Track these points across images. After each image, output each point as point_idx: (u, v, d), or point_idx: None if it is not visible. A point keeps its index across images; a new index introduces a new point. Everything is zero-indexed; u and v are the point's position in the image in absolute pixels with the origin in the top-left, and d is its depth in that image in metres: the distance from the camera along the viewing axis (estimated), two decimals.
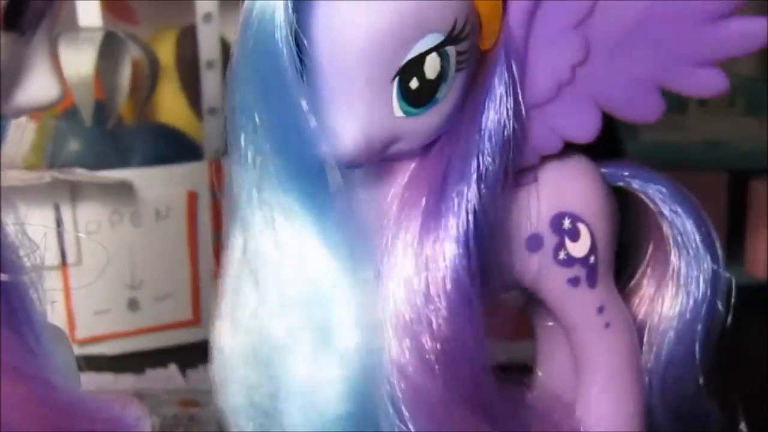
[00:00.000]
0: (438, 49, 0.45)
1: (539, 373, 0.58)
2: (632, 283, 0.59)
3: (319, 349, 0.47)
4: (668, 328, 0.57)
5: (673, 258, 0.57)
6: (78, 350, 0.85)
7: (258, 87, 0.44)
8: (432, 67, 0.45)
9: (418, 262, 0.47)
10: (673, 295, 0.57)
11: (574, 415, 0.54)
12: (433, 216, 0.47)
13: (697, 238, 0.56)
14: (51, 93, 0.43)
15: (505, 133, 0.48)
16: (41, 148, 0.89)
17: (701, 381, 0.58)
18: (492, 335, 0.50)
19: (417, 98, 0.46)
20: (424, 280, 0.47)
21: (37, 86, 0.42)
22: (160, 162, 0.89)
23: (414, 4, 0.44)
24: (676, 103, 1.11)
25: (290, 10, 0.43)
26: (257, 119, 0.45)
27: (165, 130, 0.95)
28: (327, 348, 0.46)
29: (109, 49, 0.87)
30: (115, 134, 0.90)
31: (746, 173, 1.00)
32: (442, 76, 0.46)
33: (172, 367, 0.86)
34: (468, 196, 0.47)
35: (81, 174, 0.84)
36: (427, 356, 0.47)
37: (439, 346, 0.47)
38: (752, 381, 0.63)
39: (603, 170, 0.54)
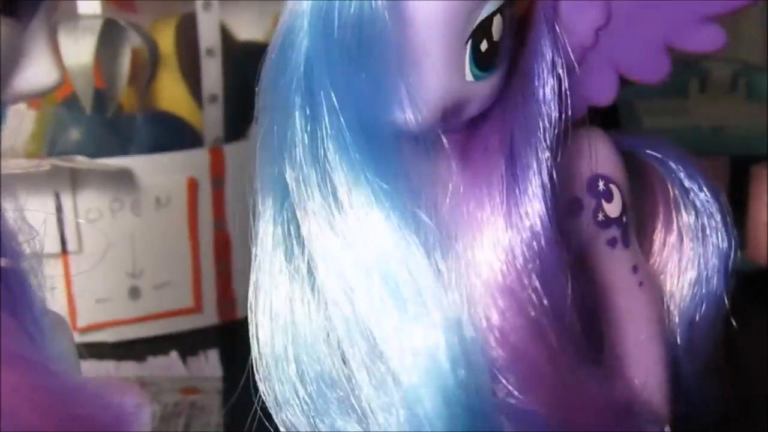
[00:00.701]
0: (501, 10, 0.45)
1: None
2: (644, 244, 0.59)
3: (407, 324, 0.44)
4: (691, 283, 0.57)
5: (685, 214, 0.57)
6: (79, 338, 0.86)
7: (330, 57, 0.43)
8: (497, 28, 0.45)
9: (510, 228, 0.47)
10: (690, 251, 0.57)
11: (621, 367, 0.54)
12: (516, 181, 0.47)
13: (707, 192, 0.56)
14: (49, 78, 0.43)
15: (558, 93, 0.48)
16: (41, 136, 0.89)
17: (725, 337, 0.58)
18: None
19: (486, 60, 0.45)
20: (519, 245, 0.47)
21: (36, 72, 0.42)
22: (161, 150, 0.89)
23: None
24: (677, 88, 1.11)
25: None
26: (330, 89, 0.43)
27: (165, 118, 0.95)
28: (416, 322, 0.44)
29: (109, 37, 0.87)
30: (116, 122, 0.90)
31: (747, 158, 1.00)
32: (503, 38, 0.46)
33: (174, 355, 0.86)
34: (543, 157, 0.47)
35: (81, 162, 0.84)
36: (533, 317, 0.47)
37: (543, 307, 0.47)
38: (753, 369, 0.63)
39: (617, 137, 0.54)
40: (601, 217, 0.52)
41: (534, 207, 0.47)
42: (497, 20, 0.45)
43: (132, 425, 0.43)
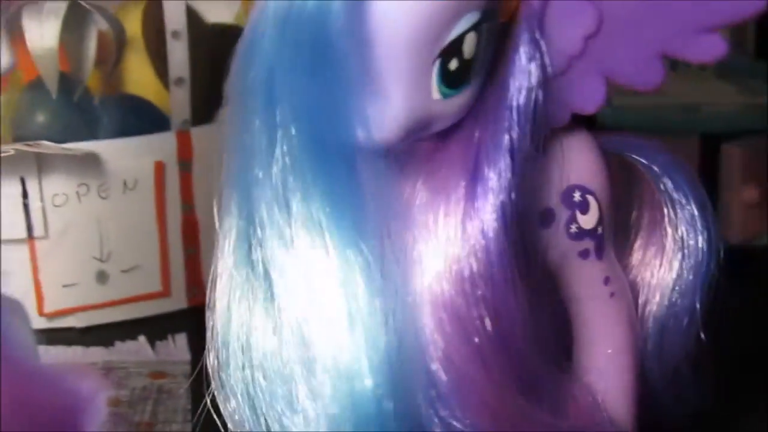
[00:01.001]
0: (476, 27, 0.44)
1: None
2: (623, 246, 0.59)
3: (358, 342, 0.45)
4: (665, 291, 0.57)
5: (669, 224, 0.57)
6: (47, 323, 0.86)
7: (295, 64, 0.43)
8: (470, 46, 0.45)
9: (462, 246, 0.47)
10: (668, 258, 0.57)
11: (585, 384, 0.54)
12: (472, 198, 0.47)
13: (693, 203, 0.56)
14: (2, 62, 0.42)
15: (534, 106, 0.48)
16: (7, 120, 0.88)
17: (698, 342, 0.58)
18: None
19: (455, 79, 0.45)
20: (468, 264, 0.46)
21: None
22: (128, 133, 0.89)
23: None
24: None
25: None
26: (287, 100, 0.43)
27: (132, 101, 0.94)
28: (355, 331, 0.44)
29: (75, 20, 0.87)
30: (82, 106, 0.89)
31: (719, 137, 1.00)
32: (477, 54, 0.45)
33: (142, 339, 0.86)
34: (504, 174, 0.47)
35: (47, 146, 0.83)
36: (476, 341, 0.46)
37: (488, 330, 0.46)
38: (727, 343, 0.63)
39: (599, 140, 0.54)
40: (574, 228, 0.52)
41: (489, 228, 0.47)
42: (470, 38, 0.44)
43: (88, 410, 0.43)
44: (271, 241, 0.45)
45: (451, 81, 0.45)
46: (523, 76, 0.47)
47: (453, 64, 0.44)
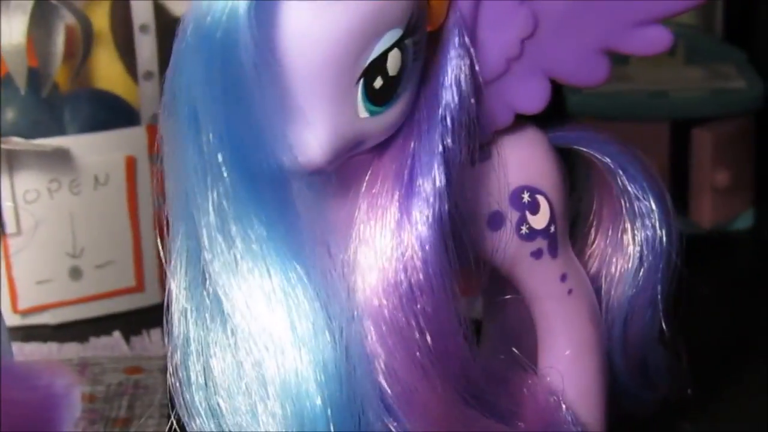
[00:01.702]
0: (398, 43, 0.44)
1: (495, 344, 0.59)
2: (582, 239, 0.59)
3: (304, 359, 0.45)
4: (627, 283, 0.57)
5: (625, 213, 0.57)
6: (21, 320, 0.86)
7: (212, 94, 0.42)
8: (394, 63, 0.44)
9: (397, 258, 0.47)
10: (629, 252, 0.58)
11: (544, 382, 0.54)
12: (406, 209, 0.47)
13: (649, 194, 0.56)
14: None
15: (466, 113, 0.47)
16: None
17: (660, 332, 0.58)
18: None
19: (381, 97, 0.45)
20: (405, 276, 0.46)
21: None
22: (98, 128, 0.88)
23: (373, 3, 0.43)
24: (617, 54, 1.11)
25: (249, 13, 0.41)
26: (212, 132, 0.42)
27: (101, 96, 0.94)
28: (300, 350, 0.45)
29: (42, 15, 0.86)
30: (51, 101, 0.88)
31: (688, 122, 1.00)
32: (403, 70, 0.45)
33: (116, 335, 0.85)
34: (437, 184, 0.47)
35: (17, 142, 0.83)
36: (417, 354, 0.47)
37: (428, 342, 0.47)
38: (698, 329, 0.63)
39: (550, 134, 0.54)
40: (525, 230, 0.52)
41: (425, 239, 0.47)
42: (393, 55, 0.44)
43: (61, 406, 0.43)
44: (216, 265, 0.45)
45: (377, 99, 0.45)
46: (454, 84, 0.47)
47: (378, 83, 0.44)
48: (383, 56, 0.44)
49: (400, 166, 0.47)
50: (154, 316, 0.88)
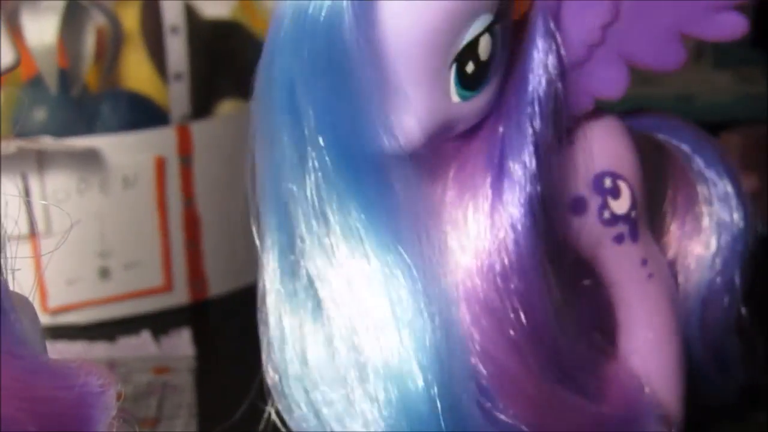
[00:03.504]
0: (490, 28, 0.45)
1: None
2: (659, 225, 0.59)
3: (406, 344, 0.46)
4: (705, 269, 0.58)
5: (701, 199, 0.58)
6: (50, 320, 0.86)
7: (314, 76, 0.43)
8: (485, 48, 0.45)
9: (491, 240, 0.47)
10: (707, 237, 0.58)
11: (628, 366, 0.54)
12: (498, 192, 0.47)
13: (726, 178, 0.57)
14: (5, 59, 0.43)
15: (553, 96, 0.48)
16: (7, 118, 0.88)
17: (738, 318, 0.59)
18: None
19: (473, 81, 0.46)
20: (499, 258, 0.47)
21: None
22: (127, 128, 0.89)
23: None
24: None
25: (350, 1, 0.42)
26: (312, 117, 0.44)
27: (131, 97, 0.94)
28: (401, 332, 0.46)
29: (72, 16, 0.87)
30: (81, 102, 0.89)
31: (715, 126, 0.99)
32: (493, 55, 0.46)
33: (145, 334, 0.86)
34: (528, 164, 0.47)
35: (47, 143, 0.83)
36: (511, 333, 0.47)
37: (522, 322, 0.47)
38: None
39: (627, 121, 0.54)
40: (607, 215, 0.52)
41: (517, 221, 0.47)
42: (485, 40, 0.45)
43: (96, 405, 0.43)
44: (312, 253, 0.46)
45: (468, 83, 0.45)
46: (542, 68, 0.48)
47: (470, 67, 0.45)
48: (475, 41, 0.45)
49: (491, 150, 0.48)
50: (182, 316, 0.90)
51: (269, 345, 0.50)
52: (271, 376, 0.50)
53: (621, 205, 0.53)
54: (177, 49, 0.90)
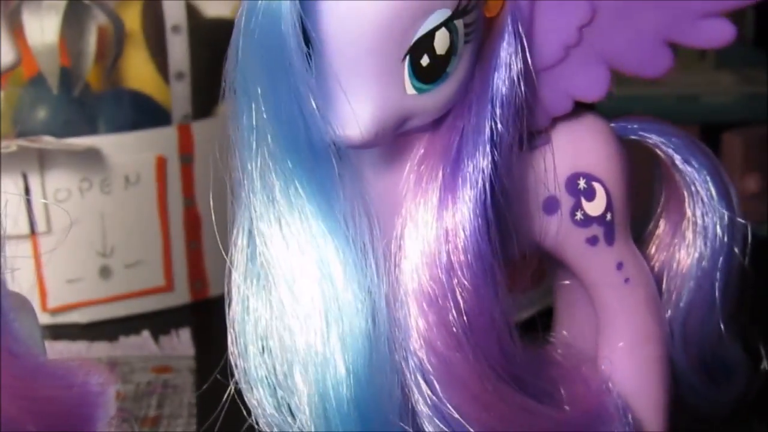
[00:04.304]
0: (447, 23, 0.45)
1: (562, 331, 0.59)
2: (647, 232, 0.59)
3: (332, 328, 0.46)
4: (687, 276, 0.58)
5: (688, 207, 0.57)
6: (50, 319, 0.86)
7: (263, 73, 0.43)
8: (442, 42, 0.45)
9: (439, 235, 0.47)
10: (690, 244, 0.58)
11: (600, 370, 0.54)
12: (450, 188, 0.47)
13: (712, 187, 0.56)
14: (6, 58, 0.43)
15: (516, 98, 0.48)
16: (8, 116, 0.88)
17: (722, 327, 0.58)
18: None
19: (428, 74, 0.45)
20: (446, 253, 0.47)
21: None
22: (129, 128, 0.89)
23: None
24: None
25: None
26: (262, 107, 0.44)
27: (133, 96, 0.94)
28: (339, 327, 0.46)
29: (74, 15, 0.87)
30: (83, 101, 0.89)
31: (719, 126, 1.00)
32: (452, 50, 0.45)
33: (145, 334, 0.86)
34: (483, 165, 0.47)
35: (49, 141, 0.84)
36: (454, 329, 0.47)
37: (465, 318, 0.47)
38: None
39: (614, 125, 0.54)
40: (579, 216, 0.52)
41: (466, 217, 0.47)
42: (441, 34, 0.45)
43: (96, 405, 0.43)
44: (262, 232, 0.46)
45: (424, 76, 0.45)
46: (506, 68, 0.48)
47: (425, 60, 0.45)
48: (430, 35, 0.44)
49: (448, 145, 0.48)
50: (183, 316, 0.90)
51: (233, 322, 0.50)
52: (233, 352, 0.50)
53: (595, 207, 0.52)
54: (179, 49, 0.90)
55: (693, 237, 0.58)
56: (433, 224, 0.47)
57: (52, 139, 0.84)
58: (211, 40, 0.94)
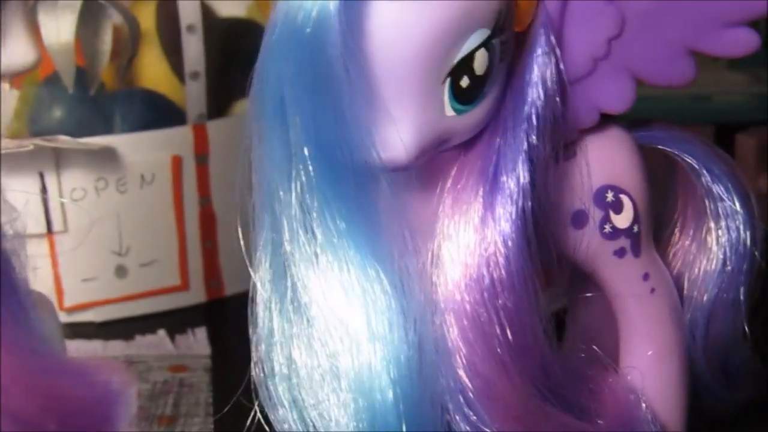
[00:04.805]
0: (486, 43, 0.44)
1: (576, 340, 0.59)
2: (666, 238, 0.59)
3: (378, 353, 0.46)
4: (710, 282, 0.57)
5: (709, 214, 0.57)
6: (66, 318, 0.86)
7: (300, 88, 0.43)
8: (481, 62, 0.45)
9: (480, 254, 0.47)
10: (712, 250, 0.58)
11: (626, 380, 0.54)
12: (490, 206, 0.47)
13: (734, 194, 0.56)
14: (26, 58, 0.43)
15: (551, 111, 0.48)
16: (24, 115, 0.89)
17: (746, 329, 0.58)
18: None
19: (468, 95, 0.45)
20: (487, 272, 0.47)
21: (13, 52, 0.42)
22: (144, 127, 0.89)
23: (462, 3, 0.43)
24: None
25: (340, 9, 0.42)
26: (299, 126, 0.43)
27: (147, 95, 0.94)
28: (375, 345, 0.46)
29: (89, 15, 0.87)
30: (98, 100, 0.89)
31: (732, 126, 0.99)
32: (490, 69, 0.45)
33: (161, 333, 0.86)
34: (522, 181, 0.47)
35: (64, 141, 0.84)
36: (498, 349, 0.47)
37: (508, 336, 0.47)
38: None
39: (635, 134, 0.54)
40: (608, 228, 0.52)
41: (508, 238, 0.47)
42: (481, 54, 0.44)
43: (118, 403, 0.43)
44: (295, 257, 0.46)
45: (463, 97, 0.45)
46: (540, 83, 0.48)
47: (464, 82, 0.45)
48: (470, 55, 0.44)
49: (485, 163, 0.47)
50: (198, 315, 0.90)
51: (257, 343, 0.50)
52: (258, 374, 0.50)
53: (623, 220, 0.52)
54: (194, 48, 0.91)
55: (716, 246, 0.58)
56: (474, 243, 0.47)
57: (68, 139, 0.84)
58: (226, 39, 0.94)
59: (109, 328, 0.88)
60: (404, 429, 0.45)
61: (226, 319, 0.90)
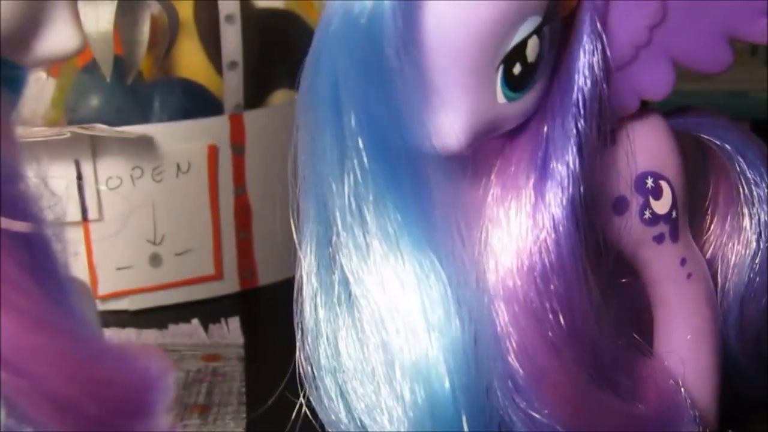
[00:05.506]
0: (538, 31, 0.45)
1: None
2: (699, 224, 0.59)
3: (434, 342, 0.46)
4: (742, 267, 0.58)
5: (743, 199, 0.57)
6: (100, 306, 0.86)
7: (355, 79, 0.43)
8: (533, 49, 0.45)
9: (532, 240, 0.47)
10: (745, 235, 0.58)
11: (664, 364, 0.55)
12: (541, 192, 0.47)
13: (767, 179, 0.56)
14: (71, 44, 0.43)
15: (597, 97, 0.48)
16: (62, 103, 0.89)
17: None
18: None
19: (519, 83, 0.45)
20: (539, 258, 0.47)
21: (58, 37, 0.42)
22: (181, 116, 0.89)
23: None
24: None
25: (395, 4, 0.42)
26: (353, 117, 0.44)
27: (185, 85, 0.94)
28: (431, 334, 0.46)
29: (128, 4, 0.87)
30: (135, 89, 0.89)
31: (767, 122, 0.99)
32: (540, 57, 0.46)
33: (195, 322, 0.86)
34: (571, 165, 0.47)
35: (101, 129, 0.84)
36: (550, 334, 0.47)
37: (560, 321, 0.47)
38: None
39: (671, 120, 0.54)
40: (648, 214, 0.52)
41: (559, 222, 0.47)
42: (533, 41, 0.45)
43: (156, 389, 0.44)
44: (347, 250, 0.46)
45: (515, 85, 0.45)
46: (588, 69, 0.48)
47: (516, 69, 0.45)
48: (523, 43, 0.44)
49: (535, 150, 0.48)
50: (232, 305, 0.90)
51: (303, 335, 0.50)
52: (304, 366, 0.50)
53: (662, 205, 0.53)
54: (232, 38, 0.91)
55: (749, 230, 0.58)
56: (525, 229, 0.47)
57: (105, 127, 0.84)
58: (265, 30, 0.94)
59: (143, 317, 0.88)
60: (462, 418, 0.45)
61: (260, 309, 0.90)
